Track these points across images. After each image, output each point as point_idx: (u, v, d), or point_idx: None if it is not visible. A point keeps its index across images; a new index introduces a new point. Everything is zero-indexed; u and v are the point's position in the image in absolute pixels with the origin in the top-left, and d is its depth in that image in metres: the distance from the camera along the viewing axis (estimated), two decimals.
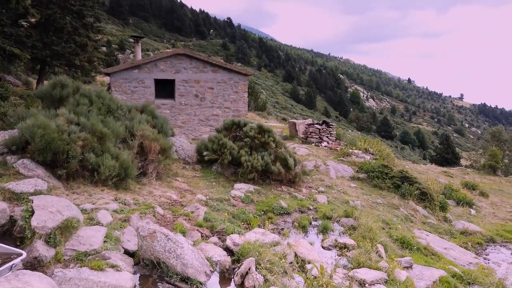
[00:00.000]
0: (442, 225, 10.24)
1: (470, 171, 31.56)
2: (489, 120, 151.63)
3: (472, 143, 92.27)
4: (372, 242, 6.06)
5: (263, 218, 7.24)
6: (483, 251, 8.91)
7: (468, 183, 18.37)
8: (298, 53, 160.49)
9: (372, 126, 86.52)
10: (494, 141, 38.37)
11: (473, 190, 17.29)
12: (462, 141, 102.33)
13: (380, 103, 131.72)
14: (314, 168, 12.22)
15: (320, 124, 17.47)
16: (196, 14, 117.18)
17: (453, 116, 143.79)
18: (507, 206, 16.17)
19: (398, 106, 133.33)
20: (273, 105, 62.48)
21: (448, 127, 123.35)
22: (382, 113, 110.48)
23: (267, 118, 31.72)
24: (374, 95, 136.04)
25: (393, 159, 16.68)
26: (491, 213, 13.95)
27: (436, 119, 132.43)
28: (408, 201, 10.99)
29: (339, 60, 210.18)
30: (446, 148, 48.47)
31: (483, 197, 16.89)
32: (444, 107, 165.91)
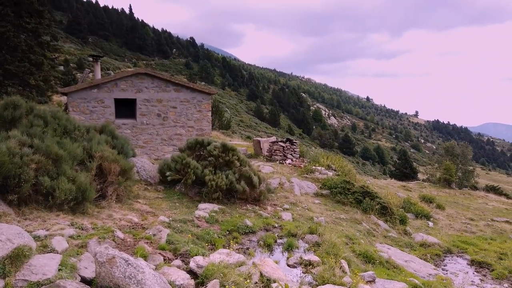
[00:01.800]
0: (402, 238, 10.56)
1: (427, 184, 32.98)
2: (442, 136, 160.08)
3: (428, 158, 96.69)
4: (336, 258, 6.13)
5: (228, 238, 7.15)
6: (441, 262, 9.25)
7: (426, 196, 19.15)
8: (261, 72, 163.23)
9: (334, 143, 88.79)
10: (448, 156, 40.47)
11: (430, 203, 18.04)
12: (419, 156, 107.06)
13: (341, 120, 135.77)
14: (279, 185, 12.29)
15: (284, 141, 17.69)
16: (158, 34, 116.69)
17: (410, 132, 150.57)
18: (462, 217, 16.97)
19: (358, 123, 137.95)
20: (238, 124, 62.72)
21: (405, 142, 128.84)
22: (343, 130, 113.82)
23: (231, 137, 31.72)
24: (335, 113, 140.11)
25: (355, 175, 17.11)
26: (448, 224, 14.57)
27: (394, 135, 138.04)
28: (370, 215, 11.26)
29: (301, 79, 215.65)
30: (404, 163, 50.55)
31: (440, 209, 17.64)
32: (401, 123, 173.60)
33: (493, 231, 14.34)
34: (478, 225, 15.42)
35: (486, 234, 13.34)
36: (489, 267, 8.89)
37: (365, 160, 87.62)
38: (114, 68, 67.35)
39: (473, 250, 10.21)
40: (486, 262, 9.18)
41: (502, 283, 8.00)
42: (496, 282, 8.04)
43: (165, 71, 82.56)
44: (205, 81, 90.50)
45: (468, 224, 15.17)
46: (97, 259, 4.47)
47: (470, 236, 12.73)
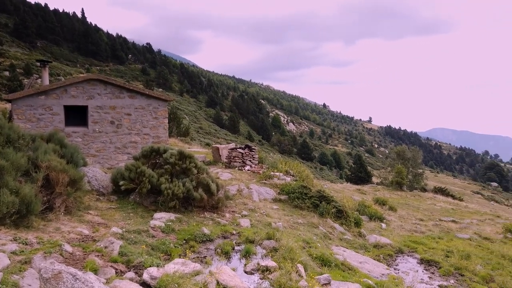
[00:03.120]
0: (357, 240, 10.89)
1: (380, 187, 34.35)
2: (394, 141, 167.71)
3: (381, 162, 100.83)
4: (292, 262, 6.19)
5: (185, 247, 7.01)
6: (393, 262, 9.63)
7: (379, 199, 19.92)
8: (220, 79, 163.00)
9: (293, 149, 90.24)
10: (399, 160, 42.46)
11: (383, 205, 18.78)
12: (373, 160, 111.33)
13: (300, 126, 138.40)
14: (238, 192, 12.27)
15: (243, 148, 17.72)
16: (113, 39, 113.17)
17: (364, 138, 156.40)
18: (413, 218, 17.81)
19: (316, 129, 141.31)
20: (197, 131, 62.06)
21: (360, 147, 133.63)
22: (302, 136, 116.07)
23: (190, 144, 31.31)
24: (293, 119, 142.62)
25: (312, 180, 17.47)
26: (399, 225, 15.23)
27: (349, 140, 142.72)
28: (326, 219, 11.52)
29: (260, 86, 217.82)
30: (359, 168, 52.38)
31: (392, 211, 18.41)
32: (356, 129, 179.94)
33: (440, 230, 15.16)
34: (427, 225, 16.25)
35: (434, 234, 14.08)
36: (437, 265, 9.38)
37: (323, 165, 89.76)
38: (65, 74, 64.40)
39: (422, 249, 10.73)
40: (434, 260, 9.68)
41: (448, 279, 8.46)
42: (443, 279, 8.49)
43: (121, 77, 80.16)
44: (163, 88, 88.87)
45: (418, 225, 15.94)
46: (41, 275, 4.22)
47: (420, 235, 13.37)
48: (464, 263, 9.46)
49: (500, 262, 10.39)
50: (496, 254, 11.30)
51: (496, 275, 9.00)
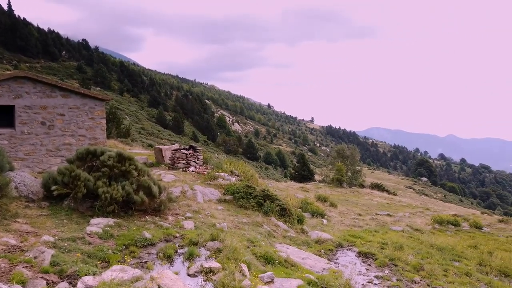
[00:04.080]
0: (300, 236, 11.18)
1: (322, 185, 35.66)
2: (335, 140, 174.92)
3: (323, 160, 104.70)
4: (236, 262, 6.20)
5: (125, 253, 6.73)
6: (334, 256, 10.02)
7: (321, 196, 20.64)
8: (163, 78, 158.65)
9: (239, 149, 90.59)
10: (339, 158, 44.38)
11: (325, 202, 19.50)
12: (315, 159, 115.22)
13: (245, 126, 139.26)
14: (181, 194, 12.04)
15: (187, 149, 17.43)
16: (45, 34, 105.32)
17: (307, 137, 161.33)
18: (352, 213, 18.69)
19: (261, 129, 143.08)
20: (139, 131, 59.89)
21: (303, 147, 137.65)
22: (247, 136, 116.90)
23: (131, 145, 30.13)
24: (239, 119, 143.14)
25: (257, 179, 17.65)
26: (340, 221, 15.90)
27: (293, 140, 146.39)
28: (271, 217, 11.70)
29: (204, 86, 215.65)
30: (303, 166, 53.88)
31: (333, 207, 19.18)
32: (299, 129, 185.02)
33: (377, 224, 16.08)
34: (365, 219, 17.15)
35: (371, 227, 14.89)
36: (373, 257, 9.92)
37: (268, 165, 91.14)
38: None
39: (360, 243, 11.28)
40: (371, 252, 10.22)
41: (383, 270, 8.98)
42: (379, 270, 8.99)
43: (54, 74, 74.98)
44: (101, 87, 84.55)
45: (356, 219, 16.76)
46: None
47: (358, 230, 14.06)
48: (397, 254, 10.10)
49: (429, 251, 11.25)
50: (425, 244, 12.21)
51: (425, 263, 9.72)
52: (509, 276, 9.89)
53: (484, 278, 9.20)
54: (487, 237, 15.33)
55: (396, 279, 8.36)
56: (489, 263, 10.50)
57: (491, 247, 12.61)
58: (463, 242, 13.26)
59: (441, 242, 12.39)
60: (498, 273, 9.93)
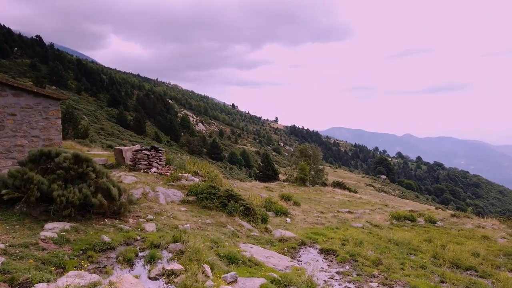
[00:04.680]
0: (264, 235, 11.25)
1: (286, 184, 36.10)
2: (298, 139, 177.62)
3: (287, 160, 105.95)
4: (199, 264, 6.13)
5: (82, 258, 6.47)
6: (297, 254, 10.17)
7: (284, 195, 20.89)
8: (123, 77, 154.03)
9: (203, 149, 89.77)
10: (303, 157, 45.14)
11: (289, 200, 19.75)
12: (280, 158, 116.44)
13: (209, 127, 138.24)
14: (143, 195, 11.76)
15: (149, 149, 17.03)
16: None
17: (271, 137, 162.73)
18: (315, 211, 19.06)
19: (225, 129, 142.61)
20: (98, 132, 57.82)
21: (268, 146, 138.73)
22: (211, 136, 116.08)
23: (90, 146, 29.02)
24: (203, 119, 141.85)
25: (221, 180, 17.58)
26: (303, 219, 16.16)
27: (257, 140, 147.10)
28: (235, 217, 11.69)
29: (167, 85, 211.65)
30: (267, 166, 54.32)
31: (297, 206, 19.46)
32: (264, 129, 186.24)
33: (338, 221, 16.49)
34: (327, 217, 17.55)
35: (333, 224, 15.26)
36: (335, 253, 10.17)
37: (233, 165, 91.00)
38: None
39: (322, 240, 11.54)
40: (333, 249, 10.48)
41: (344, 266, 9.24)
42: (340, 265, 9.24)
43: (5, 72, 70.77)
44: (57, 85, 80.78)
45: (319, 217, 17.11)
46: None
47: (320, 227, 14.36)
48: (357, 249, 10.42)
49: (387, 246, 11.69)
50: (384, 239, 12.68)
51: (383, 258, 10.09)
52: (461, 268, 10.47)
53: (438, 270, 9.69)
54: (440, 231, 16.15)
55: (356, 274, 8.61)
56: (442, 255, 11.07)
57: (444, 241, 13.30)
58: (419, 237, 13.89)
59: (398, 237, 12.91)
60: (450, 265, 10.49)
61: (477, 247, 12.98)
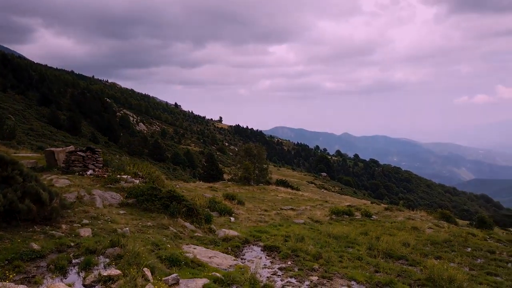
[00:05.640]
0: (207, 236, 11.16)
1: (231, 184, 36.13)
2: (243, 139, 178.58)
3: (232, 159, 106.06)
4: (138, 267, 5.92)
5: (7, 268, 5.95)
6: (241, 252, 10.22)
7: (229, 194, 20.89)
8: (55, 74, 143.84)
9: (144, 150, 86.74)
10: (247, 157, 45.46)
11: (233, 200, 19.78)
12: (224, 158, 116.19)
13: (151, 126, 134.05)
14: (77, 199, 11.09)
15: (84, 151, 16.11)
16: None
17: (216, 137, 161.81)
18: (259, 210, 19.29)
19: (168, 129, 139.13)
20: (26, 133, 53.49)
21: (212, 146, 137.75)
22: (153, 136, 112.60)
23: (17, 148, 26.72)
24: (144, 119, 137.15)
25: (163, 181, 17.15)
26: (247, 217, 16.27)
27: (202, 140, 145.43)
28: (177, 219, 11.46)
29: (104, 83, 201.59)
30: (211, 166, 53.96)
31: (241, 205, 19.55)
32: (208, 129, 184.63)
33: (281, 218, 16.85)
34: (270, 214, 17.84)
35: (276, 222, 15.55)
36: (278, 250, 10.36)
37: (176, 165, 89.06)
38: None
39: (265, 237, 11.70)
40: (275, 245, 10.67)
41: (287, 261, 9.45)
42: (282, 261, 9.43)
43: None
44: None
45: (262, 215, 17.34)
46: None
47: (264, 225, 14.56)
48: (299, 245, 10.71)
49: (327, 241, 12.17)
50: (324, 234, 13.17)
51: (323, 252, 10.48)
52: (393, 257, 11.20)
53: (373, 261, 10.27)
54: (375, 224, 17.16)
55: (297, 269, 8.86)
56: (377, 247, 11.76)
57: (379, 233, 14.14)
58: (356, 230, 14.63)
59: (337, 231, 13.50)
60: (384, 255, 11.18)
61: (407, 237, 13.98)
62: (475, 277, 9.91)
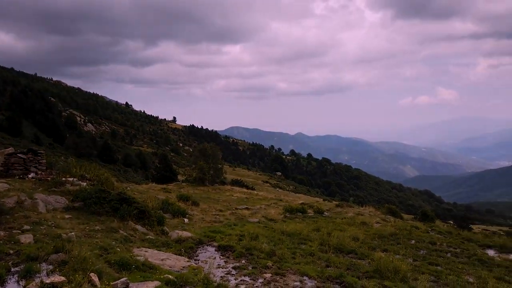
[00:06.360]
0: (160, 238, 10.90)
1: (185, 185, 35.54)
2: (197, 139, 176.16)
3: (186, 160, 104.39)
4: (85, 273, 5.65)
5: None
6: (194, 253, 10.10)
7: (183, 195, 20.56)
8: None
9: (93, 152, 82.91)
10: (202, 157, 44.95)
11: (187, 201, 19.50)
12: (179, 159, 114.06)
13: (100, 127, 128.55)
14: (17, 204, 10.39)
15: (25, 153, 15.13)
16: None
17: (169, 137, 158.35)
18: (213, 210, 19.17)
19: (119, 129, 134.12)
20: None
21: (166, 147, 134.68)
22: (103, 137, 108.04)
23: None
24: (92, 119, 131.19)
25: (113, 183, 16.53)
26: (201, 218, 16.12)
27: (154, 140, 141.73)
28: (128, 222, 11.09)
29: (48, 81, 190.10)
30: (165, 167, 52.71)
31: (195, 206, 19.33)
32: (161, 129, 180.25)
33: (236, 218, 16.87)
34: (225, 214, 17.80)
35: (230, 221, 15.55)
36: (232, 249, 10.36)
37: (128, 167, 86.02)
38: None
39: (220, 237, 11.65)
40: (230, 245, 10.66)
41: (241, 260, 9.48)
42: (236, 260, 9.45)
43: None
44: None
45: (217, 215, 17.27)
46: None
47: (218, 225, 14.50)
48: (253, 243, 10.78)
49: (280, 238, 12.36)
50: (277, 232, 13.37)
51: (277, 249, 10.63)
52: (343, 252, 11.62)
53: (324, 256, 10.58)
54: (327, 220, 17.71)
55: (251, 267, 8.91)
56: (328, 242, 12.13)
57: (330, 229, 14.60)
58: (308, 227, 15.01)
59: (290, 229, 13.76)
60: (335, 250, 11.56)
61: (357, 232, 14.57)
62: (418, 267, 10.53)
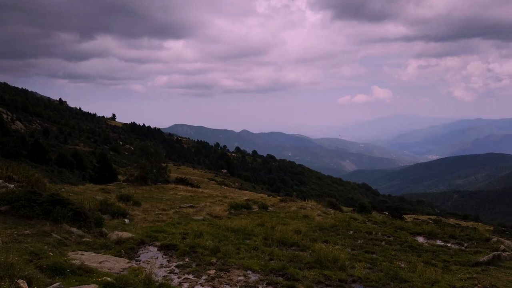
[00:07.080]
0: (98, 240, 10.40)
1: (126, 184, 34.17)
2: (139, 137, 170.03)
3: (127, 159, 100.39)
4: (12, 280, 5.23)
5: None
6: (135, 254, 9.77)
7: (123, 195, 19.75)
8: None
9: (22, 152, 76.74)
10: (143, 155, 43.51)
11: (128, 201, 18.76)
12: (119, 158, 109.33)
13: (30, 125, 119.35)
14: None
15: None
16: None
17: (108, 135, 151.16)
18: (156, 209, 18.65)
19: (52, 127, 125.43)
20: None
21: (105, 146, 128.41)
22: (33, 136, 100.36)
23: None
24: (21, 116, 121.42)
25: (45, 184, 15.49)
26: (143, 218, 15.62)
27: (92, 139, 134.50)
28: (62, 224, 10.43)
29: None
30: (104, 166, 50.26)
31: (137, 205, 18.66)
32: (99, 127, 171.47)
33: (180, 216, 16.57)
34: (168, 213, 17.41)
35: (174, 220, 15.25)
36: (175, 248, 10.18)
37: (62, 168, 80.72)
38: None
39: (162, 236, 11.39)
40: (173, 244, 10.46)
41: (184, 258, 9.34)
42: (179, 259, 9.30)
43: None
44: None
45: (160, 214, 16.84)
46: None
47: (161, 224, 14.15)
48: (197, 241, 10.68)
49: (225, 235, 12.37)
50: (222, 228, 13.37)
51: (221, 245, 10.63)
52: (286, 245, 11.92)
53: (268, 250, 10.79)
54: (271, 215, 18.04)
55: (195, 264, 8.83)
56: (272, 236, 12.38)
57: (274, 223, 14.90)
58: (253, 222, 15.19)
59: (235, 225, 13.83)
60: (278, 244, 11.83)
61: (299, 225, 15.03)
62: (355, 256, 11.11)
